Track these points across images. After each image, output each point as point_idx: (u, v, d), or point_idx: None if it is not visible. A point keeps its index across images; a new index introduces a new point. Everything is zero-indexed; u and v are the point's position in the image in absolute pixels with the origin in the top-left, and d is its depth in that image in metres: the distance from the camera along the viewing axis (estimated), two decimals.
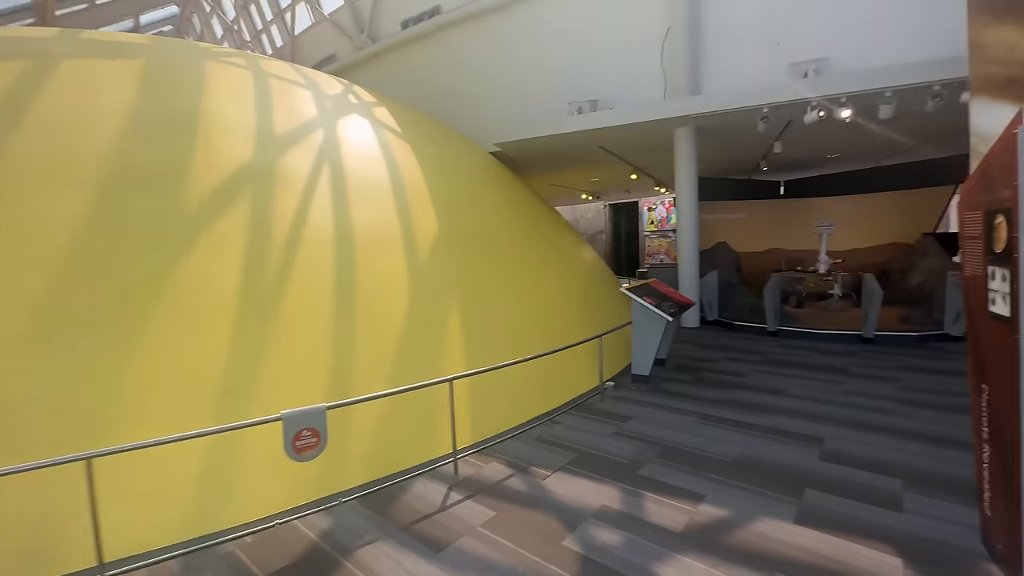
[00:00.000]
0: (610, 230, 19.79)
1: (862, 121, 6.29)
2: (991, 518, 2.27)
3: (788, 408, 4.34)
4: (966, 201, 2.38)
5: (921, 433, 3.69)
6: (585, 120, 7.54)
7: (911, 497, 2.81)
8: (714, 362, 6.05)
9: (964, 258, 2.42)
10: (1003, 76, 2.39)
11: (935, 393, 4.58)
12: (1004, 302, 2.01)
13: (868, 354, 6.18)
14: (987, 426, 2.26)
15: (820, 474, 3.13)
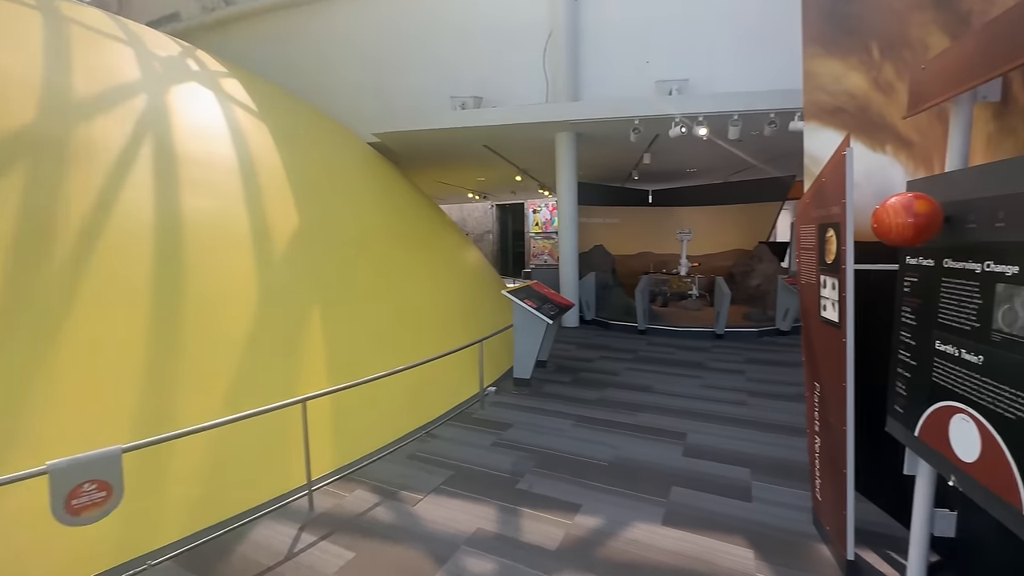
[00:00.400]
0: (497, 230, 19.97)
1: (716, 139, 6.99)
2: (821, 503, 2.51)
3: (656, 405, 4.58)
4: (802, 215, 2.61)
5: (764, 422, 4.11)
6: (468, 116, 7.34)
7: (758, 486, 3.05)
8: (592, 361, 6.25)
9: (800, 267, 2.66)
10: (831, 104, 2.66)
11: (774, 383, 5.21)
12: (834, 308, 2.20)
13: (720, 349, 6.89)
14: (818, 420, 2.49)
15: (684, 470, 3.28)
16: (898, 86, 2.22)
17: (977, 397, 1.37)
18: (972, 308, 1.40)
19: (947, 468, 1.53)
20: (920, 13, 2.07)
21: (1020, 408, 1.22)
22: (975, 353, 1.38)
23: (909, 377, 1.73)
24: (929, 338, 1.61)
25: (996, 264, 1.31)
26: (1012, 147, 1.67)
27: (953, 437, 1.48)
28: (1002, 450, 1.27)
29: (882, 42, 2.29)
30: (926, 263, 1.64)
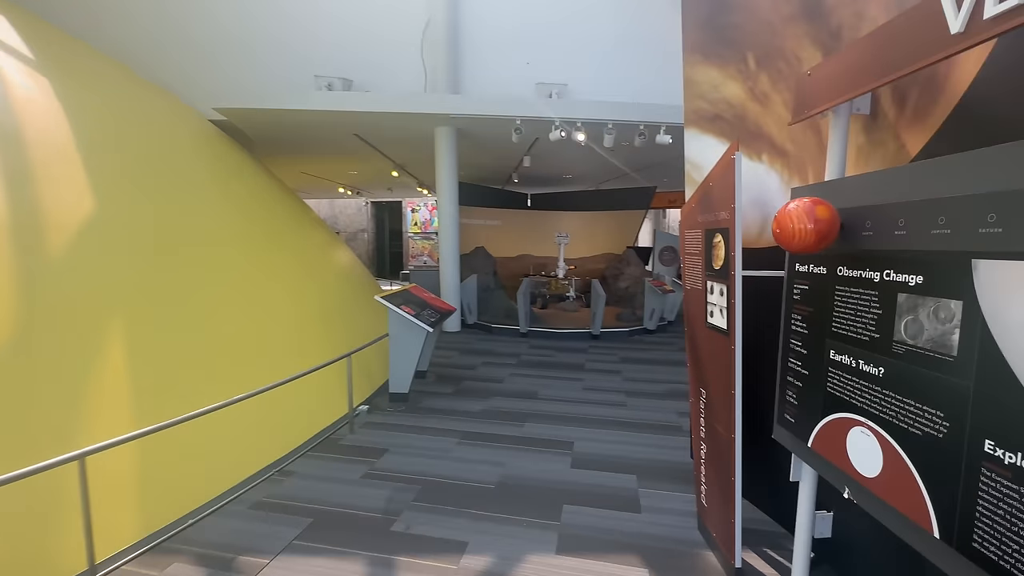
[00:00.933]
0: (373, 229, 18.77)
1: (592, 145, 7.22)
2: (707, 509, 2.50)
3: (542, 412, 4.43)
4: (687, 220, 2.59)
5: (644, 422, 4.20)
6: (335, 99, 6.53)
7: (645, 493, 3.01)
8: (475, 368, 5.96)
9: (685, 272, 2.64)
10: (710, 112, 2.69)
11: (648, 382, 5.44)
12: (722, 315, 2.17)
13: (597, 349, 7.11)
14: (704, 426, 2.48)
15: (574, 484, 3.12)
16: (773, 96, 2.27)
17: (879, 410, 1.33)
18: (871, 318, 1.36)
19: (843, 480, 1.50)
20: (793, 26, 2.12)
21: (927, 424, 1.17)
22: (875, 365, 1.34)
23: (801, 386, 1.71)
24: (823, 347, 1.58)
25: (897, 273, 1.27)
26: (881, 159, 1.73)
27: (852, 450, 1.44)
28: (908, 467, 1.23)
29: (758, 52, 2.34)
30: (818, 271, 1.61)
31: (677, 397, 4.89)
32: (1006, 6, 1.01)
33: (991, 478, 1.01)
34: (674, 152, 7.43)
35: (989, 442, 1.01)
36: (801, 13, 2.08)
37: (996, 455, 1.00)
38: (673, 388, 5.20)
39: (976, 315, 1.04)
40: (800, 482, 1.91)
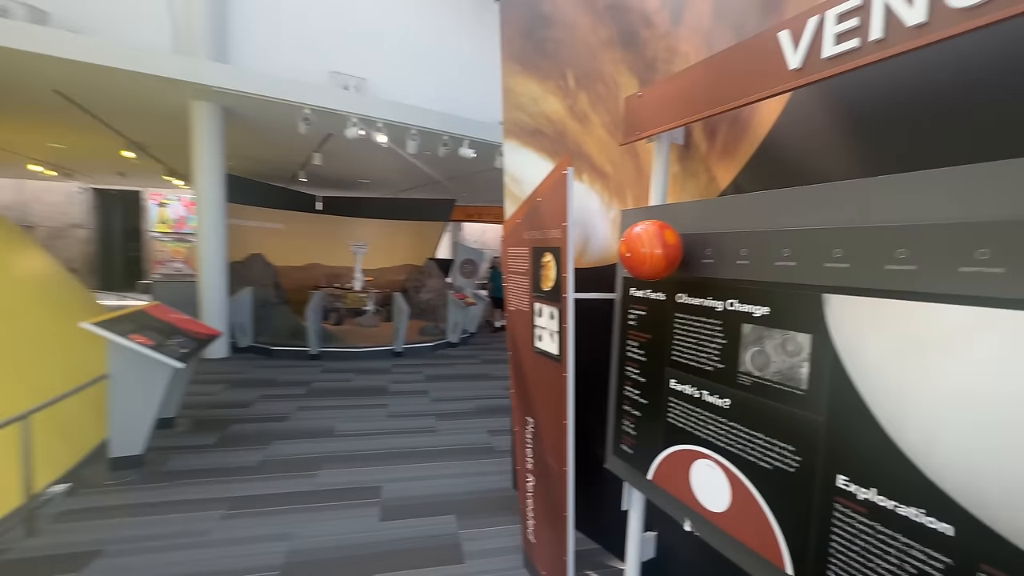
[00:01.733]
0: (97, 225, 14.17)
1: (396, 148, 6.75)
2: (535, 544, 2.34)
3: (341, 453, 3.75)
4: (511, 237, 2.42)
5: (457, 448, 3.93)
6: (10, 32, 4.48)
7: (466, 536, 2.71)
8: (250, 406, 4.79)
9: (509, 292, 2.46)
10: (531, 125, 2.60)
11: (455, 400, 5.23)
12: (552, 339, 2.03)
13: (401, 368, 6.62)
14: (532, 458, 2.32)
15: (385, 544, 2.62)
16: (592, 118, 2.28)
17: (725, 443, 1.30)
18: (715, 348, 1.33)
19: (685, 513, 1.45)
20: (611, 51, 2.15)
21: (777, 458, 1.15)
22: (720, 396, 1.31)
23: (639, 416, 1.64)
24: (662, 376, 1.53)
25: (741, 303, 1.25)
26: (694, 188, 1.82)
27: (696, 483, 1.39)
28: (757, 502, 1.20)
29: (578, 71, 2.33)
30: (656, 296, 1.57)
31: (486, 414, 4.80)
32: (842, 48, 1.05)
33: (845, 514, 1.00)
34: (476, 167, 7.54)
35: (842, 477, 1.01)
36: (618, 40, 2.11)
37: (849, 490, 1.00)
38: (482, 405, 5.11)
39: (828, 349, 1.03)
40: (630, 510, 1.88)
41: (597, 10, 2.20)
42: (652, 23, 1.96)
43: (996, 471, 0.78)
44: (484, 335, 9.40)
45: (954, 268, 0.84)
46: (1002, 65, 1.01)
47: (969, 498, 0.81)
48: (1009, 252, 0.77)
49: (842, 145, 1.34)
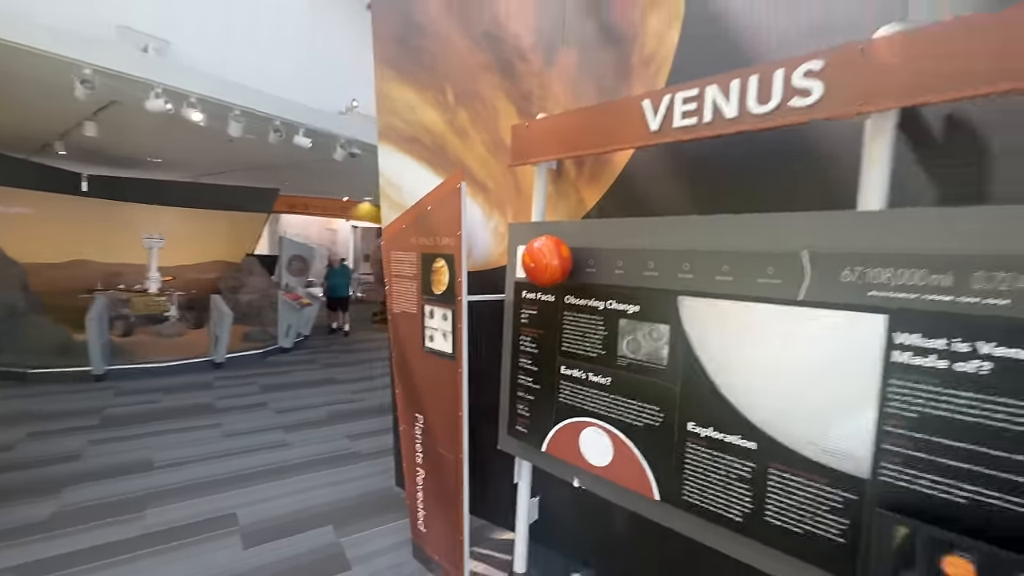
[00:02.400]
0: None
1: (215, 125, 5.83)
2: (427, 534, 2.47)
3: (170, 486, 3.22)
4: (396, 241, 2.47)
5: (319, 458, 3.73)
6: None
7: (349, 543, 2.68)
8: (11, 449, 3.69)
9: (394, 295, 2.52)
10: (407, 133, 2.67)
11: (304, 409, 4.87)
12: (445, 339, 2.19)
13: (225, 380, 5.83)
14: (421, 452, 2.44)
15: (259, 571, 2.42)
16: (473, 135, 2.48)
17: (607, 412, 1.67)
18: (598, 339, 1.69)
19: (573, 473, 1.80)
20: (489, 75, 2.39)
21: (647, 417, 1.56)
22: (603, 376, 1.68)
23: (533, 400, 1.94)
24: (554, 364, 1.85)
25: (618, 303, 1.63)
26: (566, 208, 2.18)
27: (584, 447, 1.75)
28: (633, 452, 1.60)
29: (456, 88, 2.50)
30: (546, 298, 1.88)
31: (342, 420, 4.62)
32: (685, 122, 1.48)
33: (693, 448, 1.45)
34: (311, 156, 7.01)
35: (691, 423, 1.45)
36: (496, 67, 2.36)
37: (696, 432, 1.44)
38: (334, 411, 4.89)
39: (681, 335, 1.46)
40: (520, 482, 2.18)
41: (474, 35, 2.41)
42: (527, 59, 2.26)
43: (776, 406, 1.27)
44: (320, 338, 8.78)
45: (755, 280, 1.32)
46: (780, 145, 1.56)
47: (764, 424, 1.29)
48: (783, 270, 1.26)
49: (674, 182, 1.83)
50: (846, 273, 1.17)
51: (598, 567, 2.30)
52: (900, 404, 1.09)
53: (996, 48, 1.01)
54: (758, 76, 1.32)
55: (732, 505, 1.37)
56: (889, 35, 1.16)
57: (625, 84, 1.95)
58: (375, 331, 9.85)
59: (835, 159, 1.43)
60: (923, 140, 1.28)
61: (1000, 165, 1.17)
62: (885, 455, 1.11)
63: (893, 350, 1.10)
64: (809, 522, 1.23)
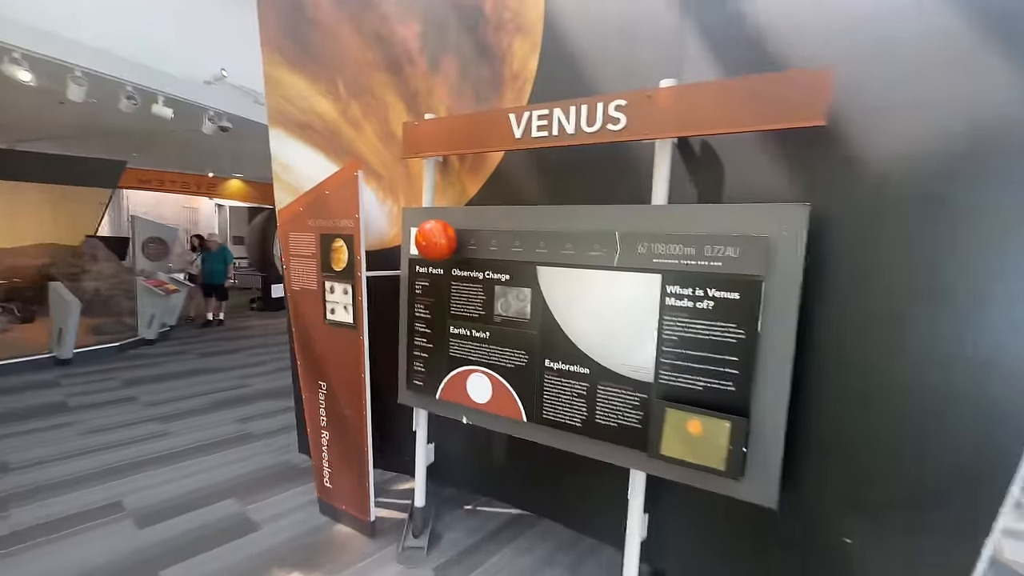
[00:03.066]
0: None
1: (47, 89, 5.03)
2: (332, 488, 2.73)
3: (38, 484, 2.99)
4: (293, 223, 2.63)
5: (209, 442, 3.68)
6: None
7: (254, 509, 2.82)
8: None
9: (292, 273, 2.68)
10: (300, 119, 2.81)
11: (181, 400, 4.63)
12: (346, 311, 2.46)
13: (75, 378, 5.22)
14: (325, 416, 2.68)
15: (160, 544, 2.48)
16: (365, 126, 2.72)
17: (487, 360, 2.12)
18: (479, 302, 2.12)
19: (462, 412, 2.23)
20: (379, 73, 2.64)
21: (516, 360, 2.04)
22: (483, 331, 2.12)
23: (427, 357, 2.32)
24: (445, 325, 2.24)
25: (494, 273, 2.07)
26: (452, 195, 2.55)
27: (471, 390, 2.18)
28: (507, 388, 2.07)
29: (348, 82, 2.70)
30: (436, 271, 2.25)
31: (229, 406, 4.52)
32: (540, 133, 1.94)
33: (548, 378, 1.96)
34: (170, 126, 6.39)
35: (547, 360, 1.96)
36: (386, 67, 2.62)
37: (550, 366, 1.95)
38: (219, 398, 4.73)
39: (539, 296, 1.95)
40: (418, 430, 2.55)
41: (364, 34, 2.63)
42: (414, 62, 2.56)
43: (601, 341, 1.81)
44: (188, 328, 8.07)
45: (587, 252, 1.84)
46: (606, 155, 2.09)
47: (593, 354, 1.84)
48: (604, 245, 1.80)
49: (536, 178, 2.31)
50: (640, 247, 1.73)
51: (487, 494, 2.79)
52: (669, 332, 1.68)
53: (736, 101, 1.60)
54: (587, 106, 1.83)
55: (574, 415, 1.91)
56: (667, 87, 1.72)
57: (497, 93, 2.37)
58: (255, 318, 9.29)
59: (640, 167, 2.00)
60: (690, 157, 1.89)
61: (729, 178, 1.82)
62: (661, 365, 1.70)
63: (666, 297, 1.69)
64: (622, 419, 1.80)
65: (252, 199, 15.01)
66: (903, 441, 1.50)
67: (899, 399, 1.50)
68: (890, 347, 1.51)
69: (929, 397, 1.46)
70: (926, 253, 1.45)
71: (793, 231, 1.50)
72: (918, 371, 1.47)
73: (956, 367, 1.41)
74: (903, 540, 1.52)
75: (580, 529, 2.45)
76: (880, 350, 1.53)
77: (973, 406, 1.40)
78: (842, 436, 1.61)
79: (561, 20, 2.16)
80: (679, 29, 1.85)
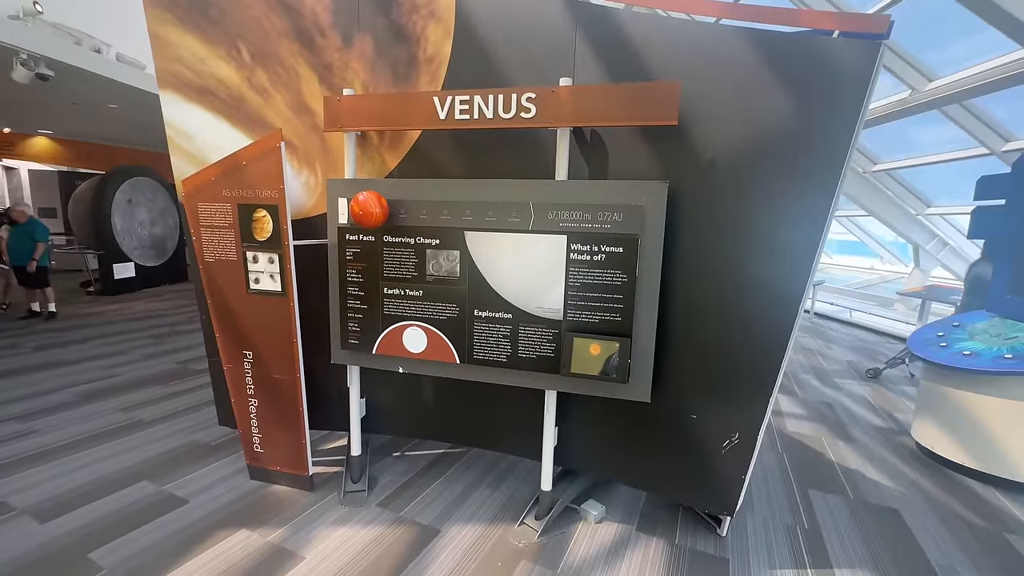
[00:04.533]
0: None
1: None
2: (264, 453, 2.83)
3: None
4: (203, 193, 2.57)
5: (88, 435, 3.37)
6: None
7: (175, 486, 2.78)
8: None
9: (204, 245, 2.63)
10: (198, 84, 2.69)
11: (35, 396, 4.04)
12: (273, 280, 2.55)
13: None
14: (252, 384, 2.74)
15: (74, 533, 2.37)
16: (274, 94, 2.71)
17: (422, 315, 2.43)
18: (411, 265, 2.41)
19: (399, 363, 2.53)
20: (289, 43, 2.65)
21: (449, 312, 2.39)
22: (417, 290, 2.42)
23: (362, 317, 2.54)
24: (378, 287, 2.48)
25: (424, 238, 2.37)
26: (371, 168, 2.72)
27: (407, 342, 2.48)
28: (441, 337, 2.42)
29: (252, 48, 2.66)
30: (367, 238, 2.46)
31: (103, 396, 4.09)
32: (462, 116, 2.26)
33: (478, 326, 2.35)
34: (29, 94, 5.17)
35: (476, 310, 2.34)
36: (295, 37, 2.64)
37: (478, 314, 2.34)
38: (86, 390, 4.23)
39: (467, 256, 2.31)
40: (351, 386, 2.78)
41: (269, 1, 2.61)
42: (326, 35, 2.63)
43: (520, 290, 2.25)
44: (10, 320, 6.71)
45: (507, 219, 2.24)
46: (518, 137, 2.47)
47: (515, 301, 2.27)
48: (521, 213, 2.22)
49: (453, 154, 2.62)
50: (551, 214, 2.19)
51: (415, 435, 3.13)
52: (573, 279, 2.19)
53: (616, 102, 2.08)
54: (503, 95, 2.19)
55: (500, 353, 2.34)
56: (566, 86, 2.16)
57: (415, 72, 2.59)
58: (97, 304, 7.99)
59: (545, 148, 2.44)
60: (584, 142, 2.38)
61: (614, 158, 2.35)
62: (568, 305, 2.21)
63: (570, 253, 2.17)
64: (539, 351, 2.28)
65: (64, 161, 12.41)
66: (721, 337, 2.22)
67: (717, 308, 2.21)
68: (709, 275, 2.20)
69: (732, 303, 2.18)
70: (731, 213, 2.14)
71: (658, 201, 2.07)
72: (724, 287, 2.19)
73: (751, 281, 2.14)
74: (725, 410, 2.28)
75: (500, 449, 2.94)
76: (706, 279, 2.21)
77: (762, 301, 2.14)
78: (687, 343, 2.29)
79: (473, 10, 2.45)
80: (571, 33, 2.29)
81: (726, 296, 2.19)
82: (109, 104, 8.07)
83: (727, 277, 2.18)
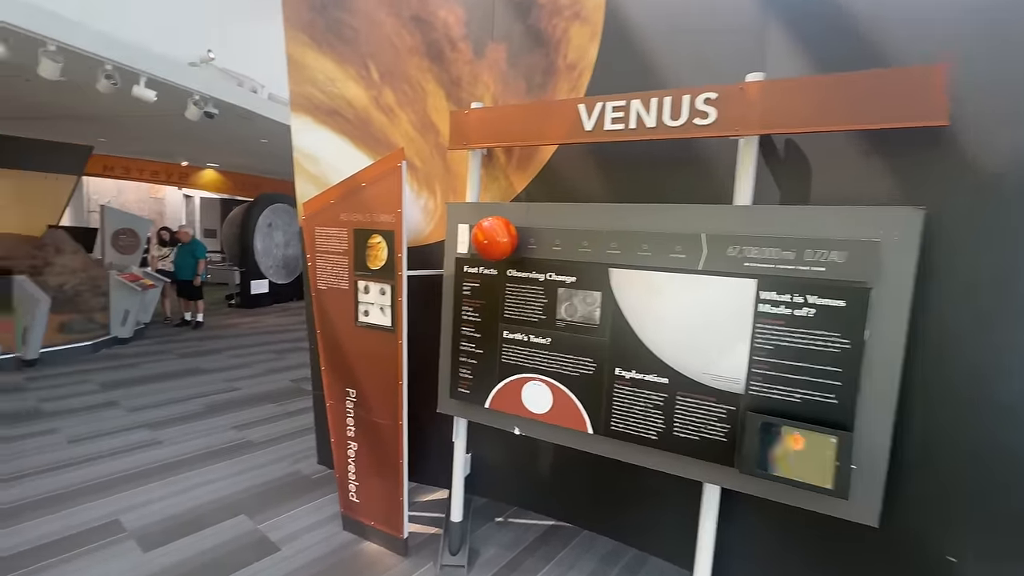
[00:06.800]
0: None
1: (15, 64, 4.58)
2: (360, 503, 2.54)
3: (20, 503, 2.69)
4: (320, 216, 2.42)
5: (203, 452, 3.41)
6: None
7: (270, 527, 2.60)
8: None
9: (318, 271, 2.47)
10: (327, 105, 2.60)
11: (168, 404, 4.31)
12: (383, 313, 2.28)
13: (44, 380, 4.81)
14: (354, 425, 2.49)
15: (172, 570, 2.24)
16: (399, 114, 2.53)
17: (547, 367, 1.98)
18: (539, 306, 1.98)
19: (514, 422, 2.09)
20: (418, 59, 2.46)
21: (582, 368, 1.91)
22: (543, 337, 1.98)
23: (476, 363, 2.16)
24: (496, 330, 2.09)
25: (556, 275, 1.94)
26: (496, 191, 2.40)
27: (527, 399, 2.04)
28: (570, 398, 1.94)
29: (381, 67, 2.51)
30: (488, 272, 2.10)
31: (223, 410, 4.22)
32: (614, 127, 1.82)
33: (619, 388, 1.84)
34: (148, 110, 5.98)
35: (618, 368, 1.84)
36: (424, 52, 2.44)
37: (621, 375, 1.83)
38: (210, 401, 4.42)
39: (611, 299, 1.83)
40: (456, 439, 2.40)
41: (402, 17, 2.45)
42: (457, 48, 2.40)
43: (682, 349, 1.71)
44: (162, 326, 7.59)
45: (667, 255, 1.73)
46: (676, 151, 1.99)
47: (673, 363, 1.73)
48: (688, 247, 1.69)
49: (594, 174, 2.19)
50: (731, 250, 1.63)
51: (524, 504, 2.66)
52: (762, 339, 1.59)
53: (841, 98, 1.51)
54: (671, 98, 1.71)
55: (649, 427, 1.79)
56: (759, 80, 1.62)
57: (552, 82, 2.23)
58: (234, 316, 8.84)
59: (713, 165, 1.90)
60: (773, 157, 1.80)
61: (818, 178, 1.74)
62: (754, 375, 1.61)
63: (760, 303, 1.59)
64: (704, 430, 1.70)
65: (226, 190, 14.37)
66: (1017, 458, 1.45)
67: (1010, 413, 1.45)
68: (1001, 358, 1.46)
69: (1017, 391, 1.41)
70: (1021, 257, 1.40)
71: (905, 236, 1.42)
72: (1008, 363, 1.43)
73: None
74: (1017, 564, 1.47)
75: (631, 543, 2.34)
76: (990, 361, 1.47)
77: None
78: (948, 449, 1.55)
79: (625, 7, 2.04)
80: (761, 21, 1.76)
81: (1007, 376, 1.44)
82: (261, 139, 9.07)
83: (1012, 350, 1.43)
